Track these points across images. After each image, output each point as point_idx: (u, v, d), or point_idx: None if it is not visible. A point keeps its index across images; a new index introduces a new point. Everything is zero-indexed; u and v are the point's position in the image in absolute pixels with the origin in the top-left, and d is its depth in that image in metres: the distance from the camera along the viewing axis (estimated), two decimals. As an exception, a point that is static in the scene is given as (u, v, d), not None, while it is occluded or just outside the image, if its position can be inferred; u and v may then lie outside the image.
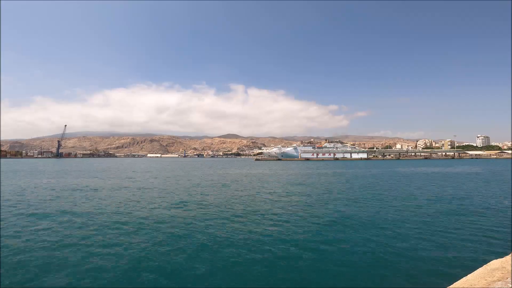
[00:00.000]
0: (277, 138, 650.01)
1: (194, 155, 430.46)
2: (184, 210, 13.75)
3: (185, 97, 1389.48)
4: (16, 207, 14.36)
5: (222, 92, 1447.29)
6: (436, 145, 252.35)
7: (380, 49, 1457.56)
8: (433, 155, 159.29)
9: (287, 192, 20.22)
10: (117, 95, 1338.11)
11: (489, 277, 2.35)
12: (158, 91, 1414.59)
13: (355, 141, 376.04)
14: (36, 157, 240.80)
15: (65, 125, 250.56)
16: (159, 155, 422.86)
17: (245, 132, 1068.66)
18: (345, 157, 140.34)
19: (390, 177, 34.27)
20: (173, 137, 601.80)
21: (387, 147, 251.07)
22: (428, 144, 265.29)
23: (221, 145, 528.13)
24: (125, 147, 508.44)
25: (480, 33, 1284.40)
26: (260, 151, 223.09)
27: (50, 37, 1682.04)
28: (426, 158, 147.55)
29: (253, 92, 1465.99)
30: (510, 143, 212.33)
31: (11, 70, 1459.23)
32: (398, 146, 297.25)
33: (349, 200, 16.59)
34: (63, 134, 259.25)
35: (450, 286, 2.39)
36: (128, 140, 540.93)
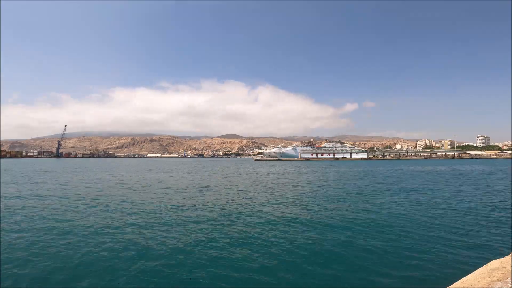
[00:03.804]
0: (277, 138, 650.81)
1: (194, 155, 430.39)
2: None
3: (210, 96, 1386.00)
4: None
5: (252, 90, 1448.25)
6: (436, 145, 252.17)
7: (380, 50, 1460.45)
8: (433, 155, 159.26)
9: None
10: (140, 93, 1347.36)
11: (489, 277, 2.36)
12: (187, 92, 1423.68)
13: (355, 141, 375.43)
14: (36, 157, 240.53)
15: (65, 125, 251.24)
16: (159, 155, 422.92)
17: (258, 132, 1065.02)
18: (345, 157, 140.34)
19: (393, 175, 34.24)
20: (173, 137, 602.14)
21: (387, 147, 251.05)
22: (428, 144, 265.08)
23: (221, 145, 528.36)
24: (125, 147, 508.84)
25: (480, 34, 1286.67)
26: (260, 151, 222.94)
27: (53, 36, 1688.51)
28: (426, 158, 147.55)
29: (279, 93, 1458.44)
30: (510, 143, 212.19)
31: (19, 69, 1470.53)
32: (398, 146, 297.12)
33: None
34: (63, 134, 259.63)
35: (450, 286, 2.40)
36: (128, 140, 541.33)
